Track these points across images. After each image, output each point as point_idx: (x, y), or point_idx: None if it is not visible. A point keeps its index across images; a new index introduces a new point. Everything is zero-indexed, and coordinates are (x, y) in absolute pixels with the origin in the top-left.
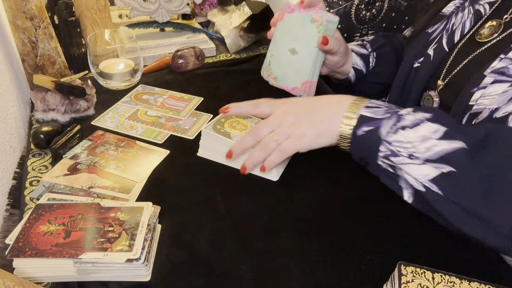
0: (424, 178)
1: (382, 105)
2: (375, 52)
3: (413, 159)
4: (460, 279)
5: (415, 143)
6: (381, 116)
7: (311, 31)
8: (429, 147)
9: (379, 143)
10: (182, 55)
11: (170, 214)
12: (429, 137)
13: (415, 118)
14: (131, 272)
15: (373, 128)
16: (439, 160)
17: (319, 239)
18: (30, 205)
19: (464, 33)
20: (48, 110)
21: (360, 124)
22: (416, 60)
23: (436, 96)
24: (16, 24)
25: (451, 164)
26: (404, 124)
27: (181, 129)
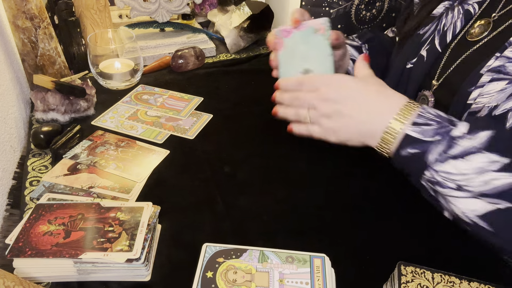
0: (472, 213)
1: (433, 119)
2: (366, 44)
3: (463, 192)
4: (460, 279)
5: (469, 175)
6: (430, 139)
7: (319, 42)
8: (486, 181)
9: (425, 168)
10: (182, 55)
11: (170, 214)
12: (487, 169)
13: (472, 145)
14: (131, 272)
15: (419, 151)
16: (497, 196)
17: (319, 239)
18: (30, 205)
19: (456, 33)
20: (48, 110)
21: (404, 145)
22: (408, 61)
23: (431, 96)
24: (16, 24)
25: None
26: (456, 153)
27: (181, 129)
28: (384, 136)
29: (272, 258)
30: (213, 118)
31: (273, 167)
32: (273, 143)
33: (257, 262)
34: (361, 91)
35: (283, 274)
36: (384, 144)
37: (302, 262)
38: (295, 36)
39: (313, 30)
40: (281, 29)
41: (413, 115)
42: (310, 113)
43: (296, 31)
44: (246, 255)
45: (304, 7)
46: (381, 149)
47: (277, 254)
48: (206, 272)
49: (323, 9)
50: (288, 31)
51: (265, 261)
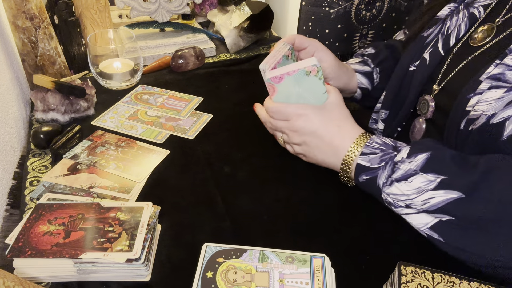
0: (424, 226)
1: (378, 148)
2: (378, 67)
3: (411, 209)
4: (460, 279)
5: (411, 196)
6: (377, 165)
7: (312, 83)
8: (425, 200)
9: (380, 192)
10: (182, 55)
11: (170, 214)
12: (424, 189)
13: (409, 169)
14: (131, 272)
15: (371, 177)
16: (437, 211)
17: (319, 239)
18: (30, 205)
19: (460, 36)
20: (48, 110)
21: (358, 173)
22: (411, 63)
23: (431, 100)
24: (16, 24)
25: (449, 214)
26: (398, 176)
27: (181, 129)
28: (342, 167)
29: (272, 258)
30: (213, 118)
31: (273, 167)
32: (273, 143)
33: (257, 262)
34: (324, 126)
35: (283, 274)
36: (343, 172)
37: (302, 262)
38: (288, 81)
39: (305, 73)
40: (271, 76)
41: (362, 147)
42: (283, 136)
43: (287, 76)
44: (246, 255)
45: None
46: (342, 176)
47: (277, 254)
48: (206, 272)
49: (323, 9)
50: (279, 77)
51: (265, 261)
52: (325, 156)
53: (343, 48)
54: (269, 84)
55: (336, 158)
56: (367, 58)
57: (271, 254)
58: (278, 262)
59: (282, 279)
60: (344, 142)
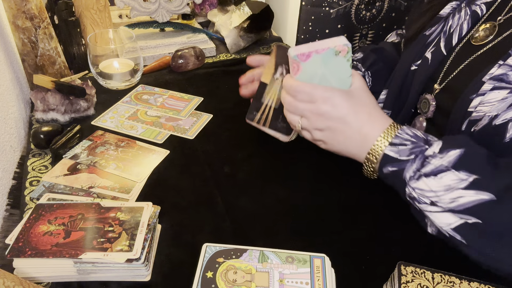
0: (447, 226)
1: (409, 139)
2: (369, 71)
3: (436, 207)
4: (460, 279)
5: (438, 192)
6: (406, 158)
7: (339, 64)
8: (454, 198)
9: (404, 185)
10: (182, 55)
11: (170, 214)
12: (455, 187)
13: (441, 164)
14: (131, 272)
15: (398, 169)
16: (464, 212)
17: (319, 239)
18: (30, 205)
19: (462, 35)
20: (48, 110)
21: (384, 164)
22: (413, 63)
23: (432, 99)
24: (16, 24)
25: (477, 216)
26: (428, 171)
27: (181, 129)
28: (368, 157)
29: (272, 258)
30: (213, 118)
31: (273, 167)
32: (273, 143)
33: (257, 262)
34: (354, 113)
35: (283, 274)
36: (369, 162)
37: (302, 262)
38: (315, 60)
39: (334, 52)
40: (298, 53)
41: (391, 137)
42: (302, 121)
43: (315, 54)
44: (246, 255)
45: (304, 7)
46: (367, 167)
47: (277, 254)
48: (206, 272)
49: (323, 9)
50: (307, 54)
51: (265, 261)
52: (351, 145)
53: None
54: (294, 61)
55: (362, 147)
56: (356, 63)
57: (271, 254)
58: (278, 262)
59: (282, 279)
60: (374, 130)
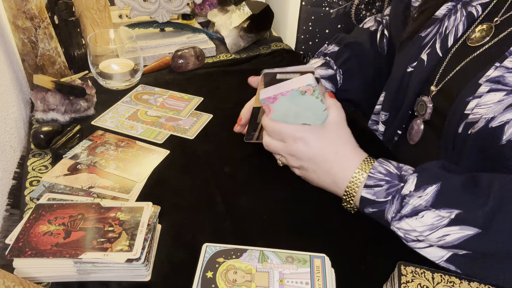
0: (439, 259)
1: (383, 179)
2: (340, 69)
3: (424, 243)
4: (460, 279)
5: (424, 232)
6: (383, 199)
7: (308, 101)
8: (440, 237)
9: (389, 225)
10: (182, 55)
11: (170, 214)
12: (438, 225)
13: (419, 204)
14: (131, 272)
15: (378, 210)
16: (453, 247)
17: (319, 239)
18: (30, 205)
19: (458, 36)
20: (48, 110)
21: (363, 205)
22: (409, 64)
23: (429, 102)
24: (16, 24)
25: (467, 249)
26: (408, 212)
27: (181, 129)
28: (345, 198)
29: (272, 258)
30: (213, 118)
31: (273, 167)
32: None
33: (257, 262)
34: (321, 153)
35: (283, 274)
36: (347, 203)
37: (302, 262)
38: (282, 101)
39: (300, 93)
40: (265, 97)
41: (365, 179)
42: (282, 158)
43: (281, 97)
44: (246, 255)
45: (304, 7)
46: (346, 206)
47: (277, 254)
48: (206, 272)
49: (323, 9)
50: (273, 97)
51: (265, 261)
52: (325, 184)
53: None
54: (264, 104)
55: (336, 186)
56: (329, 59)
57: (271, 254)
58: (278, 262)
59: (282, 279)
60: (344, 171)
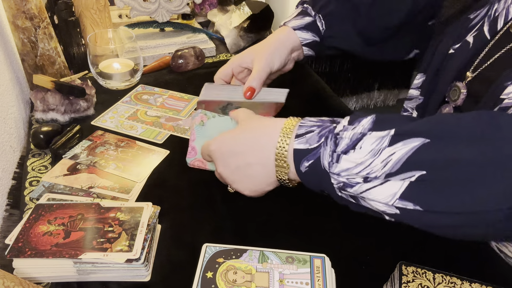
0: (393, 199)
1: (314, 125)
2: (320, 13)
3: (371, 181)
4: (461, 280)
5: (366, 162)
6: (316, 144)
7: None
8: (385, 159)
9: (328, 176)
10: (182, 55)
11: (170, 214)
12: (379, 148)
13: (354, 134)
14: (131, 272)
15: (314, 161)
16: (403, 169)
17: (319, 239)
18: (30, 205)
19: (508, 19)
20: (48, 110)
21: (298, 161)
22: (452, 46)
23: (463, 87)
24: (16, 24)
25: (418, 167)
26: (344, 147)
27: (181, 129)
28: (277, 163)
29: (272, 258)
30: None
31: None
32: None
33: (257, 262)
34: (237, 137)
35: (283, 274)
36: (282, 169)
37: (302, 262)
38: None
39: (200, 125)
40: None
41: (295, 129)
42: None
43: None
44: (246, 255)
45: None
46: (282, 178)
47: (277, 254)
48: (206, 272)
49: None
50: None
51: (265, 261)
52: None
53: None
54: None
55: (265, 160)
56: (307, 6)
57: (271, 254)
58: (278, 262)
59: (282, 279)
60: (269, 135)
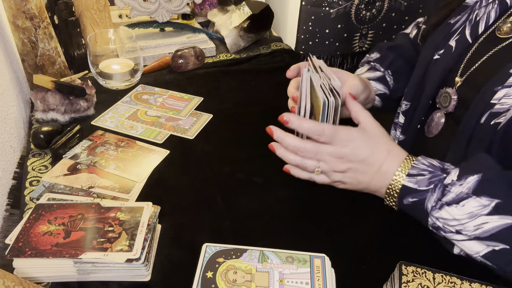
0: (476, 254)
1: (426, 169)
2: (389, 70)
3: (462, 235)
4: (461, 280)
5: (462, 221)
6: (425, 188)
7: None
8: (478, 225)
9: (427, 215)
10: (182, 55)
11: (170, 214)
12: (478, 213)
13: (461, 192)
14: (131, 272)
15: (419, 200)
16: (490, 238)
17: (319, 239)
18: (30, 205)
19: (489, 24)
20: (48, 110)
21: (404, 195)
22: (436, 52)
23: (454, 93)
24: (16, 24)
25: (504, 242)
26: (449, 200)
27: (181, 129)
28: (388, 191)
29: (272, 258)
30: (213, 118)
31: (273, 167)
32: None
33: (257, 262)
34: (373, 153)
35: (283, 274)
36: (389, 197)
37: (302, 262)
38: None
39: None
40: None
41: (408, 168)
42: (322, 165)
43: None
44: (246, 255)
45: (304, 7)
46: (388, 201)
47: (277, 254)
48: (206, 272)
49: (323, 9)
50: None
51: (265, 261)
52: (371, 183)
53: (343, 48)
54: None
55: (382, 183)
56: (374, 64)
57: (271, 254)
58: (278, 262)
59: (282, 279)
60: (393, 165)
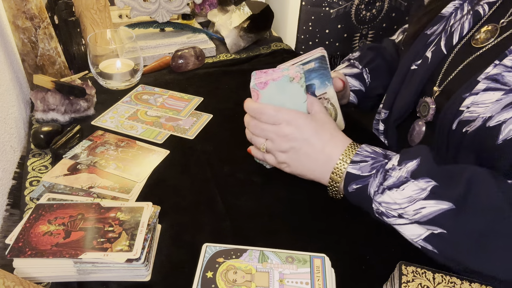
0: (417, 238)
1: (369, 156)
2: (366, 67)
3: (403, 219)
4: (461, 280)
5: (403, 205)
6: (368, 173)
7: (294, 90)
8: (417, 210)
9: (371, 201)
10: (182, 55)
11: (170, 214)
12: (416, 198)
13: (400, 176)
14: (131, 272)
15: (362, 186)
16: (428, 223)
17: (319, 239)
18: (30, 205)
19: (463, 34)
20: (48, 110)
21: (348, 182)
22: (414, 62)
23: (432, 103)
24: (16, 24)
25: (441, 226)
26: (390, 184)
27: (181, 129)
28: (332, 176)
29: (272, 258)
30: (213, 118)
31: (273, 167)
32: None
33: (257, 262)
34: (316, 133)
35: (283, 274)
36: (333, 182)
37: (302, 262)
38: (271, 87)
39: (289, 79)
40: (257, 82)
41: (352, 155)
42: (267, 143)
43: (272, 82)
44: (246, 255)
45: (304, 7)
46: (331, 188)
47: (277, 254)
48: (206, 272)
49: (323, 9)
50: (264, 82)
51: (265, 261)
52: (314, 165)
53: (343, 48)
54: (253, 90)
55: (325, 167)
56: (354, 61)
57: (271, 254)
58: (278, 262)
59: (282, 279)
60: (337, 149)
